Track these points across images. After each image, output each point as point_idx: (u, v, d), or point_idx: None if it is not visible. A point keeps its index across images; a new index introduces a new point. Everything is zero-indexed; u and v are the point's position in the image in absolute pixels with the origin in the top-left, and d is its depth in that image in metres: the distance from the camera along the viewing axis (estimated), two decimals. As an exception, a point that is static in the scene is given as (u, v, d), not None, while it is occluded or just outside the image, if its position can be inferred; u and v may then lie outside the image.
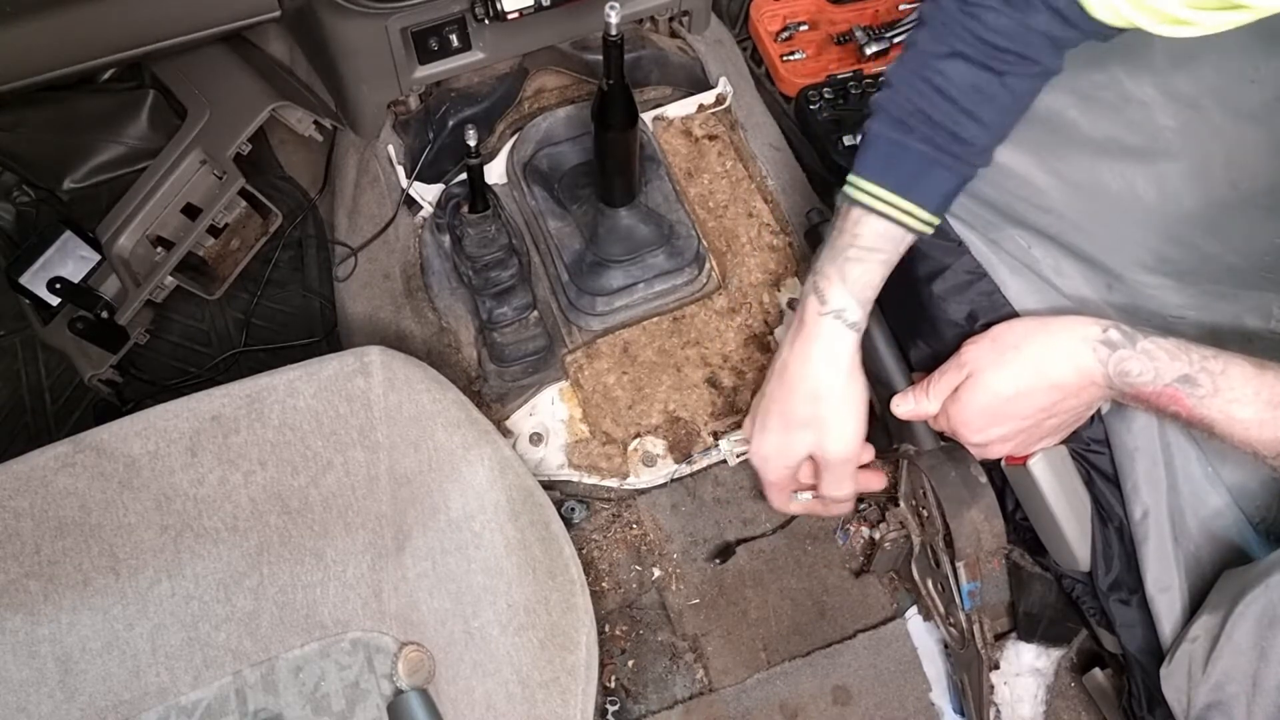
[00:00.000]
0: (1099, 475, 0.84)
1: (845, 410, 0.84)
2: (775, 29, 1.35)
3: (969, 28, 0.74)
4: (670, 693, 0.97)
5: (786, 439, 0.87)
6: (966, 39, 0.75)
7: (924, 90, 0.77)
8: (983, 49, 0.75)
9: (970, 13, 0.74)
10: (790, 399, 0.86)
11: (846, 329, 0.82)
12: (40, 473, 0.77)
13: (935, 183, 0.80)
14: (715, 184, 1.22)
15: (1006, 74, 0.76)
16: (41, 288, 1.16)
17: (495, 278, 1.07)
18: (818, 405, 0.84)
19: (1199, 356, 0.70)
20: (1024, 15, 0.73)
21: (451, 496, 0.81)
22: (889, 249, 0.81)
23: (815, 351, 0.83)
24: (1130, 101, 0.85)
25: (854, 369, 0.84)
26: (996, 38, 0.74)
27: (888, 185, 0.79)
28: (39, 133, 1.29)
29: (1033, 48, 0.74)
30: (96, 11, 0.94)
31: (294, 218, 1.31)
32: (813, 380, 0.84)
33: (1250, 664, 0.67)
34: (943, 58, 0.76)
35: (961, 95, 0.76)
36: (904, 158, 0.79)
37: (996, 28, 0.74)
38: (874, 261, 0.81)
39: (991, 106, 0.77)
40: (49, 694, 0.71)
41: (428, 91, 1.21)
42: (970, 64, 0.75)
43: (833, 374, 0.83)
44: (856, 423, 0.85)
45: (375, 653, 0.74)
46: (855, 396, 0.84)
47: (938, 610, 0.94)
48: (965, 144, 0.78)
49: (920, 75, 0.77)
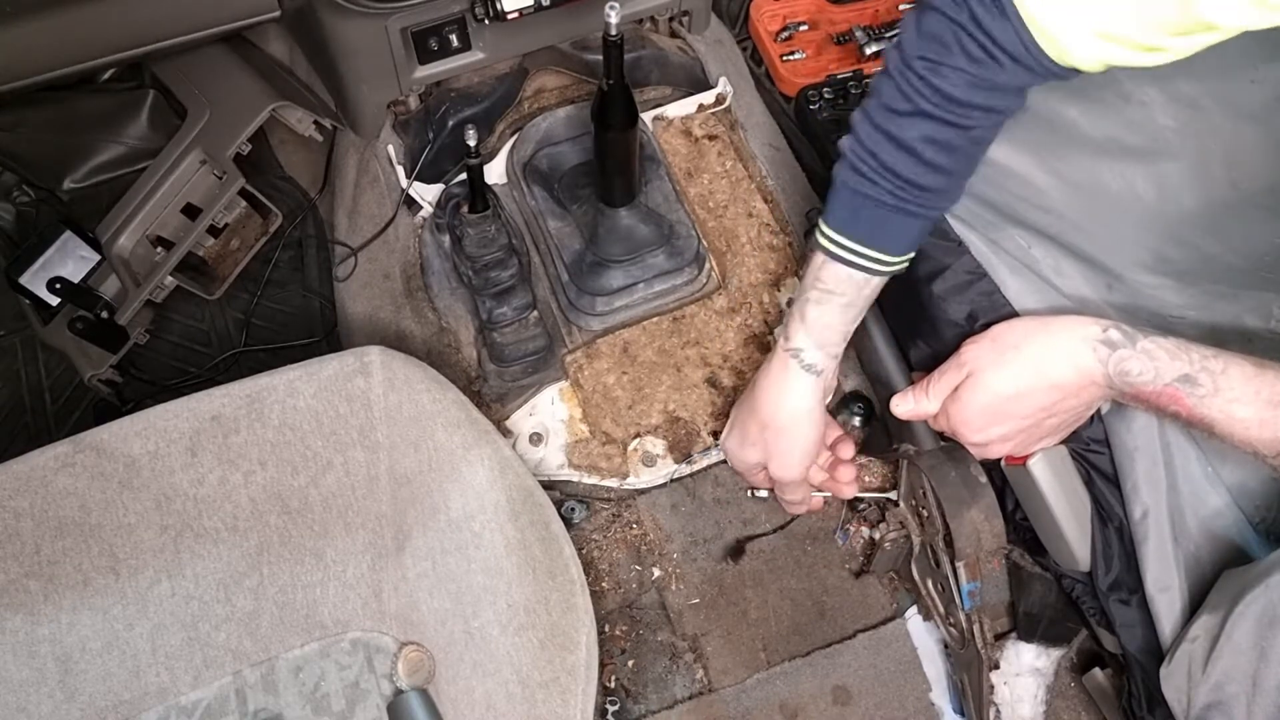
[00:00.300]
0: (1099, 475, 0.84)
1: (791, 443, 0.89)
2: (775, 29, 1.35)
3: (935, 85, 0.72)
4: (670, 693, 0.97)
5: (741, 448, 0.94)
6: (930, 96, 0.73)
7: (883, 143, 0.76)
8: (947, 106, 0.73)
9: (936, 70, 0.72)
10: (748, 417, 0.92)
11: (802, 370, 0.85)
12: (40, 473, 0.77)
13: (898, 229, 0.80)
14: (715, 184, 1.22)
15: (970, 127, 0.74)
16: (41, 288, 1.16)
17: (495, 278, 1.07)
18: (764, 433, 0.90)
19: (1199, 356, 0.70)
20: (991, 72, 0.71)
21: (451, 496, 0.81)
22: (850, 292, 0.82)
23: (773, 386, 0.88)
24: (1130, 101, 0.85)
25: (809, 408, 0.87)
26: (960, 93, 0.72)
27: (853, 235, 0.80)
28: (39, 133, 1.29)
29: (997, 99, 0.73)
30: (96, 11, 0.94)
31: (294, 218, 1.31)
32: (766, 411, 0.89)
33: (1250, 664, 0.67)
34: (905, 115, 0.74)
35: (923, 149, 0.75)
36: (866, 207, 0.79)
37: (960, 84, 0.72)
38: (832, 304, 0.83)
39: (954, 156, 0.76)
40: (49, 694, 0.71)
41: (428, 91, 1.21)
42: (933, 121, 0.73)
43: (785, 412, 0.88)
44: (799, 456, 0.89)
45: (375, 653, 0.74)
46: (802, 436, 0.88)
47: (938, 610, 0.94)
48: (928, 192, 0.77)
49: (880, 128, 0.75)
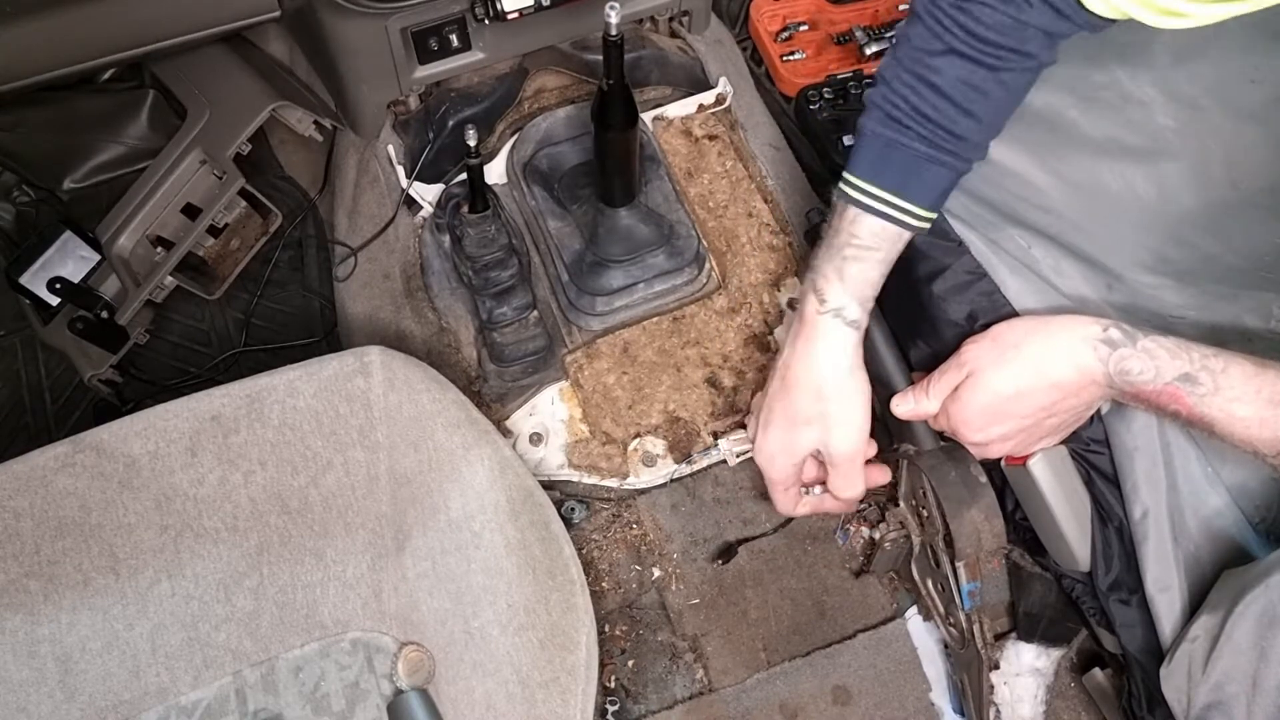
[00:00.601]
0: (1099, 475, 0.84)
1: (850, 405, 0.84)
2: (775, 29, 1.35)
3: (963, 24, 0.74)
4: (670, 693, 0.97)
5: (791, 436, 0.86)
6: (961, 35, 0.74)
7: (918, 87, 0.76)
8: (977, 45, 0.74)
9: (964, 8, 0.73)
10: (794, 397, 0.85)
11: (846, 327, 0.82)
12: (40, 473, 0.77)
13: (931, 180, 0.79)
14: (715, 184, 1.22)
15: (1001, 69, 0.75)
16: (41, 288, 1.16)
17: (495, 278, 1.07)
18: (822, 402, 0.84)
19: (1199, 355, 0.70)
20: (1018, 10, 0.72)
21: (451, 496, 0.80)
22: (886, 247, 0.81)
23: (817, 349, 0.83)
24: (1130, 101, 0.85)
25: (856, 365, 0.84)
26: (991, 33, 0.73)
27: (883, 184, 0.79)
28: (39, 133, 1.29)
29: (1027, 42, 0.74)
30: (96, 11, 0.94)
31: (294, 218, 1.31)
32: (816, 377, 0.84)
33: (1250, 664, 0.67)
34: (937, 54, 0.75)
35: (956, 92, 0.76)
36: (899, 156, 0.79)
37: (991, 23, 0.73)
38: (871, 260, 0.81)
39: (987, 102, 0.77)
40: (49, 694, 0.71)
41: (428, 91, 1.21)
42: (965, 60, 0.75)
43: (835, 370, 0.83)
44: (861, 418, 0.84)
45: (375, 653, 0.74)
46: (859, 392, 0.84)
47: (938, 610, 0.94)
48: (961, 140, 0.78)
49: (914, 72, 0.76)
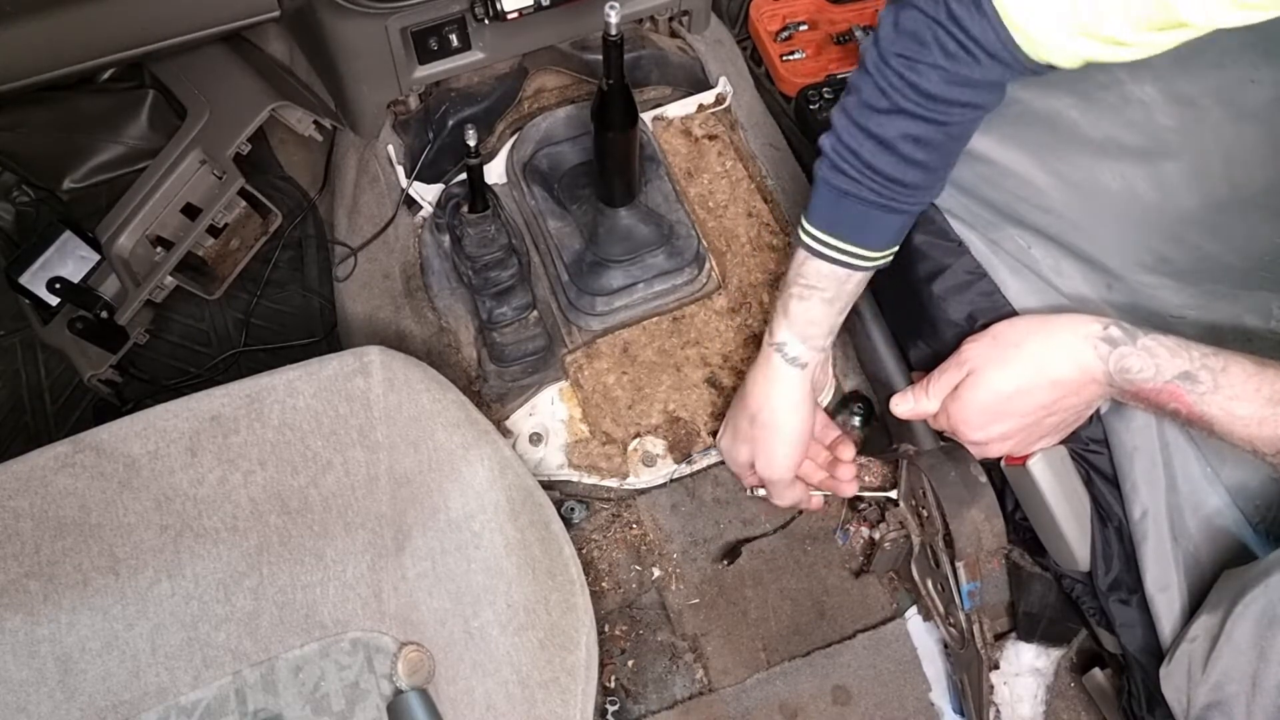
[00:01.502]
0: (1098, 475, 0.84)
1: (777, 439, 0.89)
2: (775, 29, 1.35)
3: (911, 82, 0.71)
4: (670, 693, 0.97)
5: (733, 445, 0.94)
6: (907, 93, 0.72)
7: (865, 141, 0.75)
8: (925, 103, 0.72)
9: (913, 67, 0.71)
10: (738, 413, 0.93)
11: (786, 363, 0.86)
12: (40, 473, 0.77)
13: (881, 226, 0.80)
14: (715, 184, 1.22)
15: (948, 123, 0.74)
16: (41, 288, 1.16)
17: (495, 278, 1.07)
18: (755, 428, 0.90)
19: (1199, 354, 0.70)
20: (966, 68, 0.70)
21: (451, 496, 0.81)
22: (831, 288, 0.83)
23: (760, 378, 0.89)
24: (1130, 101, 0.85)
25: (794, 403, 0.88)
26: (938, 89, 0.71)
27: (835, 232, 0.80)
28: (39, 133, 1.29)
29: (975, 95, 0.72)
30: (96, 11, 0.94)
31: (294, 218, 1.31)
32: (754, 404, 0.90)
33: (1250, 664, 0.67)
34: (882, 112, 0.74)
35: (903, 146, 0.74)
36: (848, 205, 0.78)
37: (937, 80, 0.71)
38: (815, 299, 0.83)
39: (934, 152, 0.76)
40: (49, 694, 0.71)
41: (427, 91, 1.21)
42: (912, 119, 0.73)
43: (772, 403, 0.88)
44: (787, 450, 0.89)
45: (375, 653, 0.74)
46: (790, 428, 0.88)
47: (938, 610, 0.94)
48: (909, 188, 0.77)
49: (860, 126, 0.75)
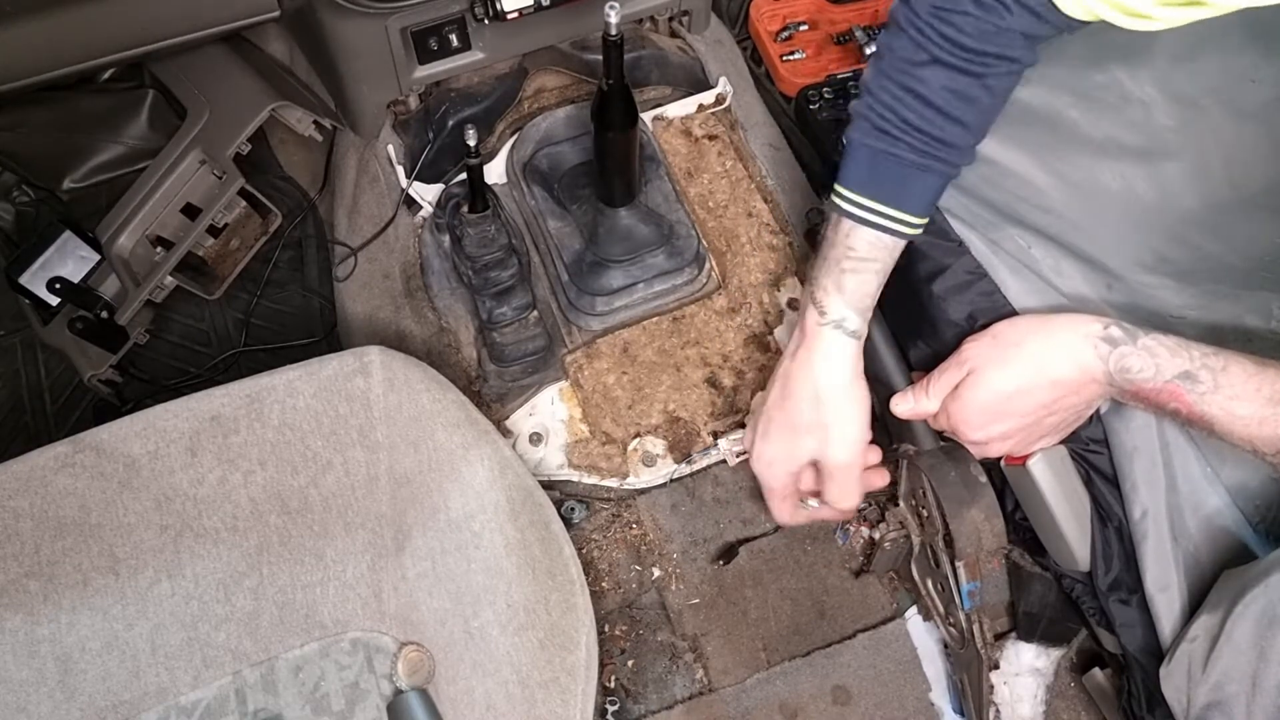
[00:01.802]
0: (1098, 475, 0.84)
1: (848, 415, 0.84)
2: (775, 29, 1.35)
3: (944, 33, 0.74)
4: (670, 693, 0.97)
5: (790, 444, 0.87)
6: (943, 45, 0.74)
7: (904, 97, 0.76)
8: (960, 53, 0.74)
9: (945, 18, 0.73)
10: (793, 405, 0.86)
11: (847, 337, 0.83)
12: (40, 473, 0.77)
13: (922, 188, 0.80)
14: (715, 184, 1.22)
15: (986, 75, 0.75)
16: (41, 288, 1.16)
17: (495, 278, 1.07)
18: (820, 410, 0.84)
19: (1199, 353, 0.70)
20: (999, 17, 0.72)
21: (451, 496, 0.80)
22: (883, 257, 0.82)
23: (817, 359, 0.84)
24: (1130, 101, 0.85)
25: (856, 375, 0.85)
26: (973, 41, 0.73)
27: (875, 196, 0.79)
28: (39, 133, 1.29)
29: (1009, 46, 0.74)
30: (96, 11, 0.94)
31: (294, 218, 1.31)
32: (815, 386, 0.84)
33: (1250, 664, 0.67)
34: (921, 65, 0.75)
35: (942, 100, 0.76)
36: (889, 166, 0.79)
37: (972, 31, 0.73)
38: (868, 271, 0.82)
39: (973, 108, 0.77)
40: (49, 694, 0.71)
41: (427, 91, 1.21)
42: (950, 70, 0.75)
43: (835, 379, 0.84)
44: (860, 427, 0.85)
45: (375, 653, 0.74)
46: (858, 402, 0.85)
47: (938, 610, 0.94)
48: (950, 146, 0.78)
49: (899, 82, 0.76)
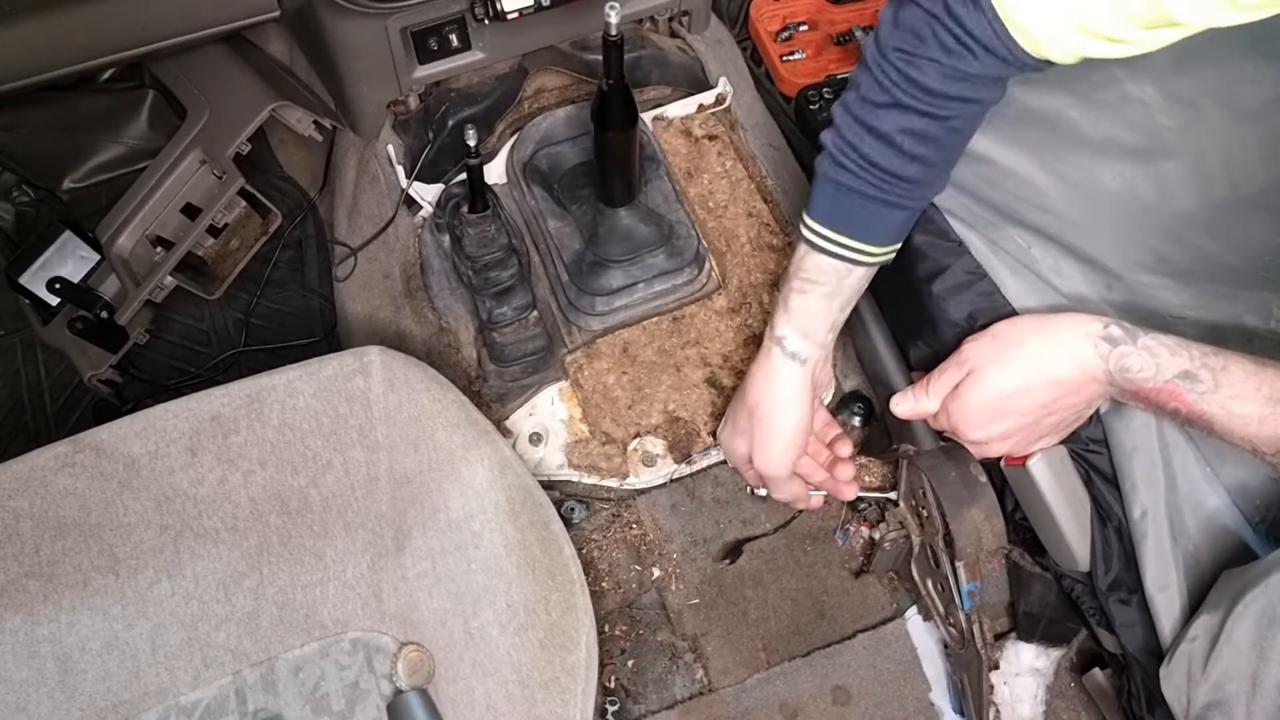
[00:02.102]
0: (1098, 475, 0.84)
1: (774, 433, 0.89)
2: (775, 29, 1.35)
3: (910, 76, 0.72)
4: (670, 693, 0.97)
5: (732, 440, 0.95)
6: (905, 88, 0.72)
7: (865, 136, 0.75)
8: (924, 98, 0.73)
9: (909, 61, 0.72)
10: (738, 407, 0.93)
11: (786, 358, 0.86)
12: (40, 473, 0.77)
13: (884, 221, 0.80)
14: (715, 184, 1.22)
15: (949, 118, 0.74)
16: (41, 288, 1.16)
17: (495, 278, 1.07)
18: (751, 422, 0.90)
19: (1199, 353, 0.71)
20: (964, 62, 0.70)
21: (451, 496, 0.81)
22: (831, 282, 0.83)
23: (760, 373, 0.89)
24: (1130, 101, 0.85)
25: (792, 398, 0.87)
26: (937, 84, 0.72)
27: (836, 227, 0.80)
28: (39, 133, 1.29)
29: (974, 90, 0.73)
30: (96, 11, 0.94)
31: (294, 218, 1.31)
32: (753, 399, 0.90)
33: (1250, 664, 0.67)
34: (882, 106, 0.74)
35: (904, 141, 0.74)
36: (850, 200, 0.79)
37: (935, 75, 0.71)
38: (815, 294, 0.83)
39: (935, 147, 0.76)
40: (49, 694, 0.71)
41: (427, 91, 1.21)
42: (910, 113, 0.73)
43: (770, 397, 0.88)
44: (783, 446, 0.89)
45: (375, 653, 0.74)
46: (788, 423, 0.88)
47: (938, 610, 0.94)
48: (911, 183, 0.77)
49: (860, 120, 0.75)
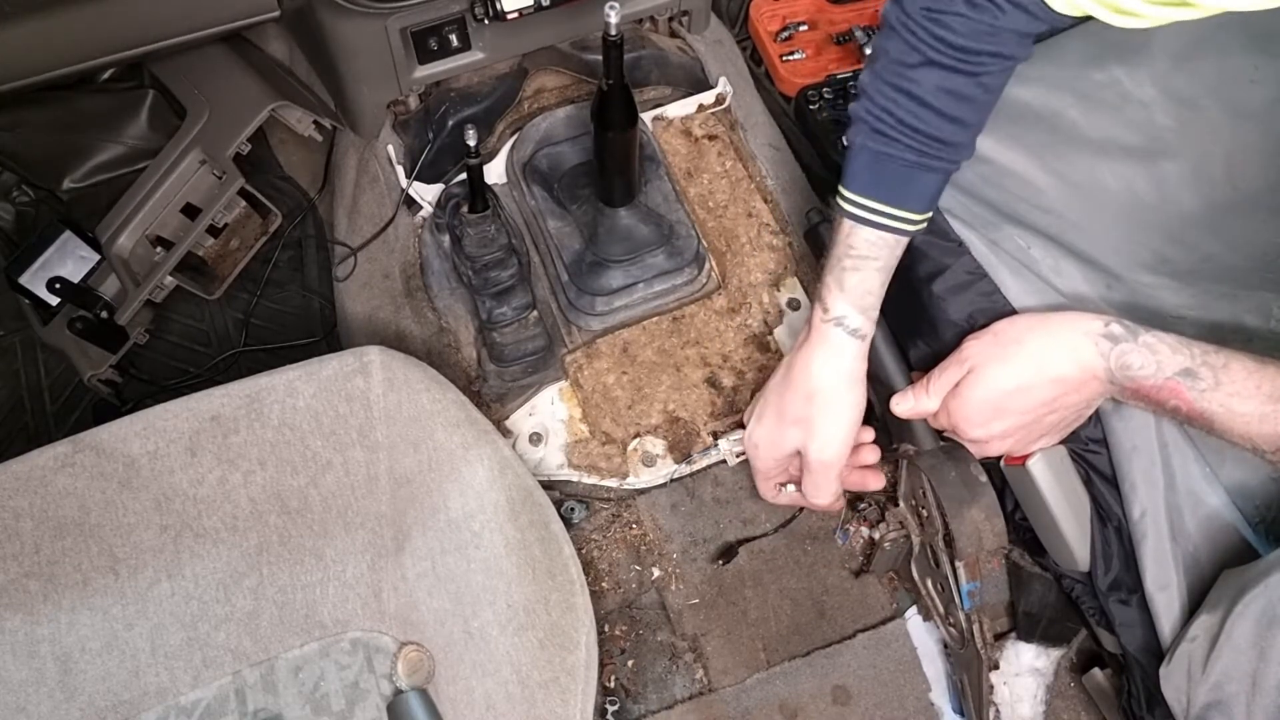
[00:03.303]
0: (1097, 475, 0.84)
1: (836, 416, 0.85)
2: (775, 29, 1.35)
3: (937, 35, 0.74)
4: (670, 693, 0.97)
5: (778, 432, 0.89)
6: (937, 46, 0.74)
7: (900, 99, 0.77)
8: (953, 54, 0.74)
9: (937, 19, 0.73)
10: (788, 395, 0.87)
11: (848, 335, 0.84)
12: (40, 473, 0.77)
13: (923, 186, 0.80)
14: (715, 184, 1.22)
15: (980, 74, 0.75)
16: (41, 288, 1.16)
17: (495, 278, 1.07)
18: (810, 406, 0.86)
19: (1200, 351, 0.71)
20: (992, 16, 0.72)
21: (451, 496, 0.81)
22: (884, 255, 0.82)
23: (818, 354, 0.85)
24: (1130, 101, 0.85)
25: (854, 377, 0.85)
26: (966, 40, 0.74)
27: (877, 196, 0.80)
28: (39, 133, 1.29)
29: (1003, 45, 0.74)
30: (96, 11, 0.94)
31: (293, 218, 1.31)
32: (812, 381, 0.85)
33: (1250, 663, 0.67)
34: (915, 66, 0.76)
35: (939, 100, 0.76)
36: (889, 167, 0.79)
37: (964, 31, 0.73)
38: (869, 269, 0.82)
39: (968, 106, 0.77)
40: (49, 694, 0.71)
41: (427, 91, 1.21)
42: (943, 70, 0.75)
43: (832, 378, 0.85)
44: (845, 429, 0.86)
45: (375, 653, 0.74)
46: (849, 404, 0.85)
47: (937, 610, 0.94)
48: (948, 145, 0.78)
49: (894, 84, 0.77)
